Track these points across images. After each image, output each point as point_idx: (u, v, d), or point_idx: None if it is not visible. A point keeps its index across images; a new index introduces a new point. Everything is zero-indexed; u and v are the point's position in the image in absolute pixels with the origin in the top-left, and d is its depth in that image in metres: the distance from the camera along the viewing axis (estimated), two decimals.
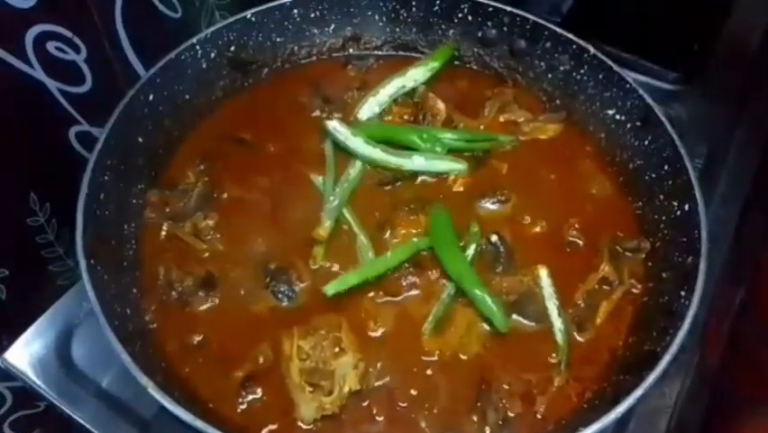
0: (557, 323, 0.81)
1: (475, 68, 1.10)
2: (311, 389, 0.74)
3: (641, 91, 0.92)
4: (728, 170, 1.08)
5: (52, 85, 0.97)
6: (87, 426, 0.82)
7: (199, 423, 0.64)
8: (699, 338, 0.89)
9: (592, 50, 0.97)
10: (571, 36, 0.99)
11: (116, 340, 0.69)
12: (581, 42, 0.98)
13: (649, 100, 0.91)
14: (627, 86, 0.93)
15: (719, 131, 1.12)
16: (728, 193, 1.05)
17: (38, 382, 0.85)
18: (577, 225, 0.90)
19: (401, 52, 1.12)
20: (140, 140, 0.92)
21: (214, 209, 0.89)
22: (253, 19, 1.03)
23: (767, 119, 1.16)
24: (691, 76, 1.18)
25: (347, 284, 0.81)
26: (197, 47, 0.98)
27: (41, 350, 0.87)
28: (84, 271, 0.73)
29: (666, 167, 0.88)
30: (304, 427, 0.73)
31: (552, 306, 0.82)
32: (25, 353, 0.86)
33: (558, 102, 1.04)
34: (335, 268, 0.85)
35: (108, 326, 0.70)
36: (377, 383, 0.77)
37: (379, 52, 1.12)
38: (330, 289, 0.80)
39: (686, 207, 0.83)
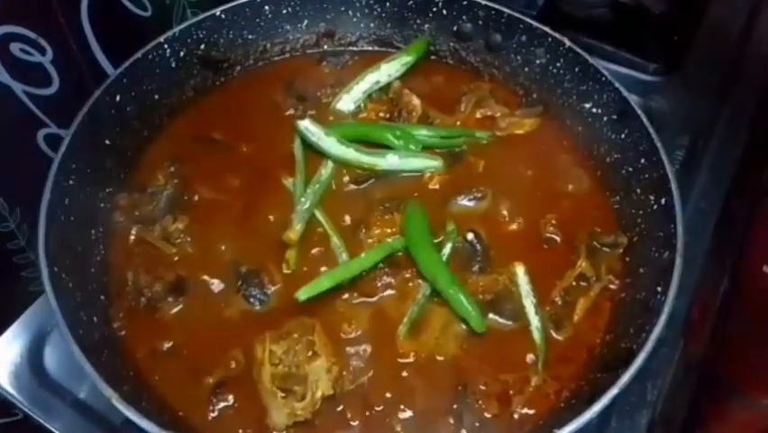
0: (534, 321, 0.80)
1: (451, 62, 1.09)
2: (283, 394, 0.72)
3: (616, 84, 0.91)
4: (710, 162, 1.07)
5: (18, 87, 0.95)
6: None
7: None
8: (680, 331, 0.89)
9: (568, 42, 0.96)
10: (546, 29, 0.97)
11: (79, 350, 0.67)
12: (557, 35, 0.96)
13: (625, 93, 0.90)
14: (603, 79, 0.92)
15: (700, 122, 1.10)
16: (710, 185, 1.04)
17: (10, 390, 0.83)
18: (554, 222, 0.89)
19: (377, 48, 1.11)
20: (107, 142, 0.90)
21: (185, 212, 0.88)
22: (223, 16, 1.01)
23: (748, 110, 1.16)
24: (672, 67, 1.17)
25: (319, 288, 0.79)
26: (165, 46, 0.96)
27: (13, 359, 0.85)
28: (46, 280, 0.72)
29: (643, 160, 0.87)
30: None
31: (529, 304, 0.81)
32: None
33: (535, 96, 1.02)
34: (309, 270, 0.84)
35: (71, 336, 0.68)
36: (351, 387, 0.75)
37: (355, 48, 1.11)
38: (302, 294, 0.79)
39: (662, 201, 0.82)
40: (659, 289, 0.75)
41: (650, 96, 1.12)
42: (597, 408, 0.65)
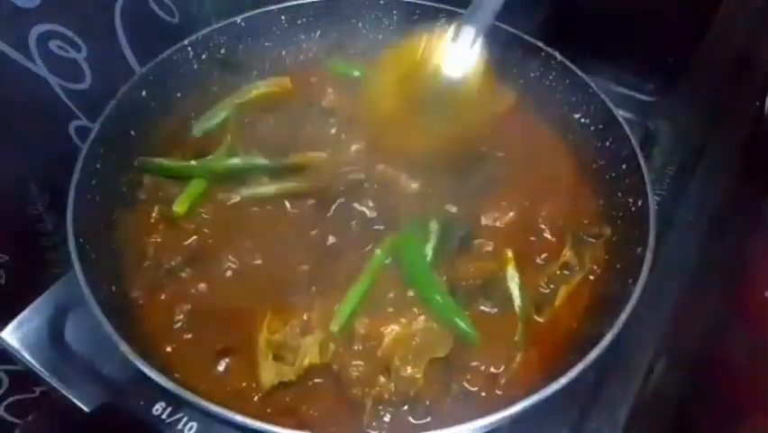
0: (517, 302, 0.85)
1: None
2: (274, 358, 0.79)
3: (602, 96, 0.97)
4: (700, 179, 1.12)
5: (54, 81, 1.02)
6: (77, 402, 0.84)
7: (171, 385, 0.70)
8: (658, 337, 0.93)
9: (559, 56, 1.03)
10: (539, 44, 1.05)
11: (100, 311, 0.74)
12: (549, 50, 1.03)
13: (609, 104, 0.96)
14: (590, 90, 0.99)
15: (693, 140, 1.16)
16: (699, 201, 1.09)
17: (32, 361, 0.87)
18: (544, 213, 0.94)
19: None
20: (132, 133, 0.98)
21: None
22: (243, 24, 1.09)
23: (741, 131, 1.21)
24: (667, 87, 1.23)
25: (345, 315, 0.83)
26: (189, 48, 1.04)
27: (36, 332, 0.89)
28: (72, 248, 0.79)
29: (624, 166, 0.93)
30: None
31: (514, 286, 0.86)
32: (19, 333, 0.89)
33: (529, 106, 1.09)
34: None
35: (93, 298, 0.75)
36: (341, 357, 0.80)
37: (364, 58, 1.18)
38: (335, 326, 0.82)
39: (639, 203, 0.88)
40: (630, 281, 0.80)
41: (646, 113, 1.19)
42: (564, 380, 0.70)
